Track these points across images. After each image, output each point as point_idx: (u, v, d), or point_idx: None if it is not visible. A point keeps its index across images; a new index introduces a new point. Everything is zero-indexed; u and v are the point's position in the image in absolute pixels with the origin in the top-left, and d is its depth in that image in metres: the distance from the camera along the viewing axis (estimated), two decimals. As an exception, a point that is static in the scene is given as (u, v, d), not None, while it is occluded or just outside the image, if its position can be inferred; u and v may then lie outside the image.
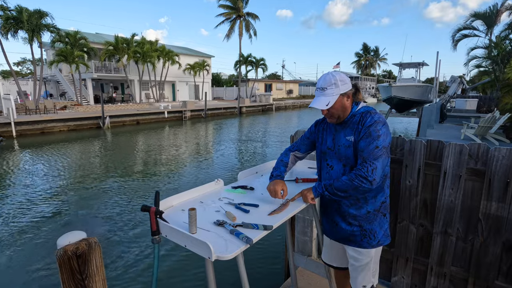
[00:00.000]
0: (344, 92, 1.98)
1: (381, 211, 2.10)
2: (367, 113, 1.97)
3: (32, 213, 7.38)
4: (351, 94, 2.03)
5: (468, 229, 2.46)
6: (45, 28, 24.20)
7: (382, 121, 1.92)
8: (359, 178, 1.86)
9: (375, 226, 2.09)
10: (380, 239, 2.12)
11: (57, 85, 34.57)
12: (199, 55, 42.89)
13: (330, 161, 2.13)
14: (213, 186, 2.34)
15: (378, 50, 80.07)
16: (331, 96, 1.96)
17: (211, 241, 1.43)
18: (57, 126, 20.97)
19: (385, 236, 2.14)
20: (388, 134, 1.92)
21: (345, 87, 1.98)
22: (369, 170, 1.84)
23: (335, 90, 1.96)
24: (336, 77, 1.98)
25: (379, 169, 1.85)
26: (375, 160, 1.85)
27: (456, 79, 22.03)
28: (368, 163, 1.85)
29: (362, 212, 2.07)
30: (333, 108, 1.99)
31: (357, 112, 2.02)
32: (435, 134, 11.48)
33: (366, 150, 1.88)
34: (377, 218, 2.09)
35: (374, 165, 1.84)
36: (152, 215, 1.67)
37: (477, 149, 2.33)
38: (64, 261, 1.30)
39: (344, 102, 2.00)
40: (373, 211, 2.07)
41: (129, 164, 12.35)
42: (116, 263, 5.33)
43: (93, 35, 35.85)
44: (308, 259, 3.39)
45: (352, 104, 2.04)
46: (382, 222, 2.12)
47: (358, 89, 2.06)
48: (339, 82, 1.97)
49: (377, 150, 1.86)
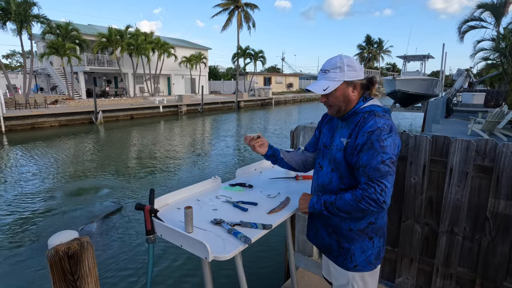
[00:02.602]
0: (350, 80, 1.70)
1: (367, 233, 1.79)
2: (371, 114, 1.68)
3: (21, 212, 7.37)
4: (360, 86, 1.74)
5: (475, 228, 2.46)
6: (34, 19, 24.08)
7: (387, 128, 1.61)
8: (366, 200, 1.59)
9: (355, 248, 1.81)
10: (358, 264, 1.82)
11: (48, 79, 34.45)
12: (196, 47, 42.79)
13: (322, 160, 1.91)
14: (210, 183, 2.33)
15: (381, 42, 79.88)
16: (332, 81, 1.70)
17: (208, 241, 1.43)
18: (48, 121, 20.90)
19: (366, 262, 1.82)
20: (395, 142, 1.62)
21: (353, 74, 1.70)
22: (377, 191, 1.57)
23: (338, 74, 1.70)
24: (344, 60, 1.70)
25: (389, 189, 1.58)
26: (382, 178, 1.57)
27: (463, 72, 22.02)
28: (376, 183, 1.57)
29: (343, 226, 1.81)
30: (333, 97, 1.74)
31: (360, 110, 1.73)
32: (441, 130, 11.49)
33: (370, 166, 1.59)
34: (360, 239, 1.80)
35: (382, 185, 1.57)
36: (146, 213, 1.67)
37: (485, 145, 2.33)
38: (55, 262, 1.29)
39: (348, 92, 1.72)
40: (355, 230, 1.79)
41: (122, 161, 12.35)
42: (109, 263, 5.34)
43: (86, 26, 35.71)
44: (309, 259, 3.39)
45: (359, 98, 1.76)
46: (366, 246, 1.81)
47: (372, 83, 1.76)
48: (345, 66, 1.69)
49: (383, 166, 1.57)
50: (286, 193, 2.17)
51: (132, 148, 14.96)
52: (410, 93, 20.26)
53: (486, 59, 23.49)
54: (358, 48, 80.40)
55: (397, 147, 1.64)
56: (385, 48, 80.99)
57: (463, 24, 22.85)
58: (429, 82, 21.83)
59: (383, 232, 1.86)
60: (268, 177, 2.53)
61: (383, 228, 1.85)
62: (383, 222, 1.84)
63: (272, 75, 58.64)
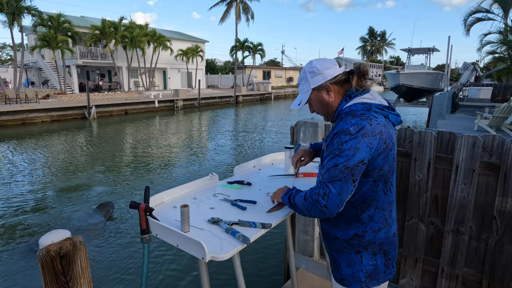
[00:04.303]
0: (318, 86, 1.64)
1: (353, 245, 1.67)
2: (348, 115, 1.57)
3: (12, 210, 7.37)
4: (336, 85, 1.65)
5: (482, 228, 2.46)
6: (26, 11, 24.00)
7: (354, 130, 1.48)
8: (310, 199, 1.57)
9: (340, 259, 1.72)
10: (344, 278, 1.72)
11: (39, 73, 34.38)
12: (192, 40, 42.69)
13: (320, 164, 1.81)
14: (207, 181, 2.32)
15: (385, 35, 79.91)
16: (302, 93, 1.70)
17: (205, 241, 1.42)
18: (39, 117, 20.87)
19: (353, 279, 1.69)
20: (359, 146, 1.48)
21: (318, 79, 1.63)
22: (320, 193, 1.52)
23: (305, 85, 1.68)
24: (305, 68, 1.68)
25: (333, 196, 1.50)
26: (329, 182, 1.50)
27: (469, 66, 21.99)
28: (323, 185, 1.53)
29: (331, 232, 1.75)
30: (314, 107, 1.74)
31: (343, 111, 1.62)
32: (447, 125, 11.49)
33: (326, 167, 1.54)
34: (345, 251, 1.69)
35: (327, 188, 1.51)
36: (141, 212, 1.66)
37: (492, 141, 2.32)
38: (46, 262, 1.29)
39: (322, 97, 1.67)
40: (341, 239, 1.70)
41: (116, 158, 12.33)
42: (102, 264, 5.34)
43: (78, 18, 35.62)
44: (309, 260, 3.40)
45: (341, 98, 1.66)
46: (352, 259, 1.68)
47: (352, 72, 1.64)
48: (308, 75, 1.66)
49: (334, 169, 1.50)
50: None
51: (126, 144, 14.95)
52: (415, 88, 20.27)
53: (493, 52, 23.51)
54: (361, 41, 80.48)
55: (363, 151, 1.49)
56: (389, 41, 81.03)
57: (469, 16, 22.81)
58: (434, 76, 21.83)
59: (379, 250, 1.68)
60: (267, 174, 2.53)
61: (379, 245, 1.67)
62: (376, 238, 1.66)
63: (272, 68, 58.60)
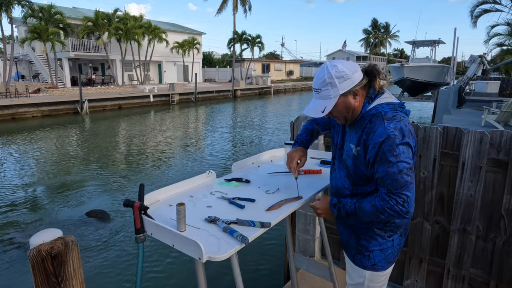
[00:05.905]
0: (346, 91, 1.65)
1: (386, 230, 1.83)
2: (378, 118, 1.64)
3: (1, 209, 7.36)
4: (361, 89, 1.69)
5: (489, 227, 2.46)
6: (16, 2, 23.89)
7: (399, 134, 1.58)
8: (388, 212, 1.61)
9: (373, 246, 1.85)
10: (377, 263, 1.86)
11: (30, 66, 34.27)
12: (189, 32, 42.58)
13: (336, 162, 1.94)
14: (204, 178, 2.32)
15: (388, 27, 79.74)
16: (327, 100, 1.67)
17: (202, 240, 1.42)
18: (29, 112, 20.80)
19: (385, 261, 1.87)
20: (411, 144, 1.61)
21: (347, 84, 1.64)
22: (399, 203, 1.58)
23: (331, 91, 1.65)
24: (332, 72, 1.63)
25: (411, 198, 1.59)
26: (402, 189, 1.57)
27: (476, 59, 21.94)
28: (397, 195, 1.58)
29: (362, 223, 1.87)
30: (335, 112, 1.72)
31: (367, 113, 1.69)
32: (453, 120, 11.49)
33: (388, 178, 1.59)
34: (379, 238, 1.84)
35: (404, 196, 1.57)
36: (135, 211, 1.66)
37: (500, 137, 2.32)
38: (37, 263, 1.28)
39: (349, 101, 1.69)
40: (374, 228, 1.84)
41: (109, 154, 12.32)
42: (95, 264, 5.34)
43: (70, 9, 35.46)
44: (310, 260, 3.40)
45: (364, 101, 1.72)
46: (386, 245, 1.84)
47: (374, 75, 1.69)
48: (335, 80, 1.63)
49: (401, 176, 1.56)
50: (286, 188, 2.16)
51: (120, 140, 14.93)
52: (420, 81, 20.24)
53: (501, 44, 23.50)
54: (364, 33, 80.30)
55: (413, 148, 1.63)
56: (393, 33, 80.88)
57: (476, 7, 22.82)
58: (439, 69, 21.81)
59: (404, 229, 1.88)
60: (266, 171, 2.52)
61: (404, 226, 1.87)
62: (403, 221, 1.84)
63: (271, 61, 58.50)
